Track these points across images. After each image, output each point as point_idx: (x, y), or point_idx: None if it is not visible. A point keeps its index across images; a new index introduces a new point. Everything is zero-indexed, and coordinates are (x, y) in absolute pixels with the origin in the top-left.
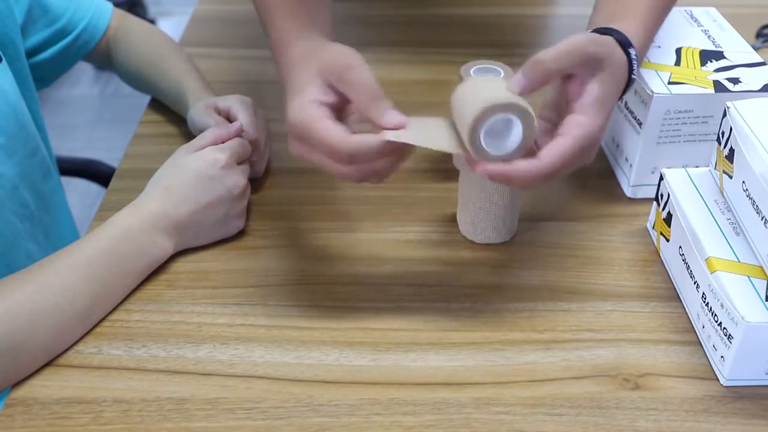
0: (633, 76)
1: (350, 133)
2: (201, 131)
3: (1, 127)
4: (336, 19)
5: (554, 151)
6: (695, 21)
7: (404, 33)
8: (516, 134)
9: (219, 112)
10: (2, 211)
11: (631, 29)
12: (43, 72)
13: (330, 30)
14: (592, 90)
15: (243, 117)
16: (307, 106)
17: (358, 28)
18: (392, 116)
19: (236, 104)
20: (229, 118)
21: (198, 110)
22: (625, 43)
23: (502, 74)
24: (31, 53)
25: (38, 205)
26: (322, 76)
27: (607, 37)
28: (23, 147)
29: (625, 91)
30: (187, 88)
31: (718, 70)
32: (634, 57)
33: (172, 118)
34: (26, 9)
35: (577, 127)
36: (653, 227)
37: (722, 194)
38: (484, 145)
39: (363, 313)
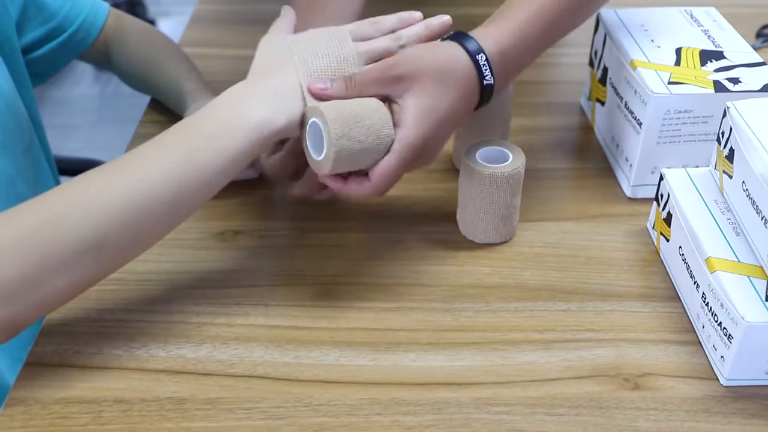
0: (486, 81)
1: None
2: None
3: None
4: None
5: (380, 170)
6: (695, 21)
7: None
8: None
9: None
10: None
11: (495, 34)
12: (38, 68)
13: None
14: (407, 105)
15: None
16: None
17: None
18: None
19: None
20: None
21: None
22: (471, 51)
23: None
24: (26, 50)
25: None
26: None
27: (434, 50)
28: (19, 142)
29: (484, 95)
30: (184, 90)
31: (718, 70)
32: (483, 62)
33: (173, 118)
34: (21, 6)
35: (397, 141)
36: (653, 227)
37: (722, 194)
38: (309, 147)
39: (363, 313)
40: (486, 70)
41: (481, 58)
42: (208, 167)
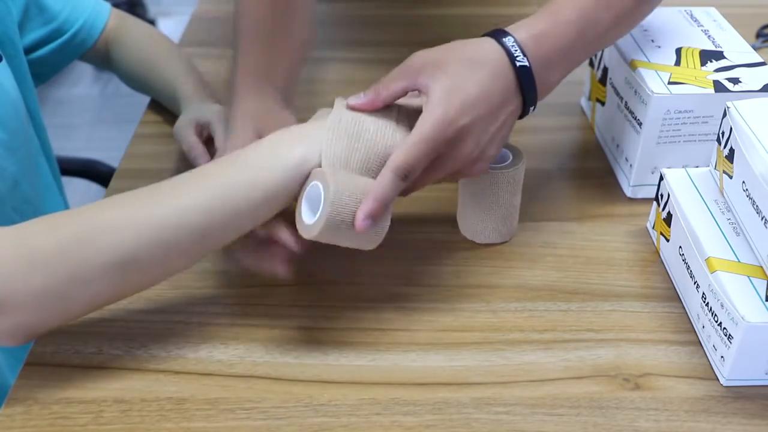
0: (519, 62)
1: None
2: (183, 147)
3: (3, 123)
4: (332, 20)
5: (399, 151)
6: (695, 21)
7: (403, 33)
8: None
9: (201, 128)
10: (2, 206)
11: (528, 21)
12: (39, 69)
13: (286, 80)
14: (429, 90)
15: (220, 135)
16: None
17: (353, 28)
18: None
19: (215, 121)
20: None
21: (181, 124)
22: (499, 37)
23: None
24: (26, 51)
25: (38, 202)
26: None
27: (461, 42)
28: (24, 144)
29: (524, 82)
30: (180, 92)
31: (718, 70)
32: (511, 44)
33: (172, 118)
34: (23, 7)
35: (417, 125)
36: (653, 227)
37: (722, 194)
38: (302, 216)
39: (363, 313)
40: (516, 51)
41: (508, 41)
42: (243, 200)
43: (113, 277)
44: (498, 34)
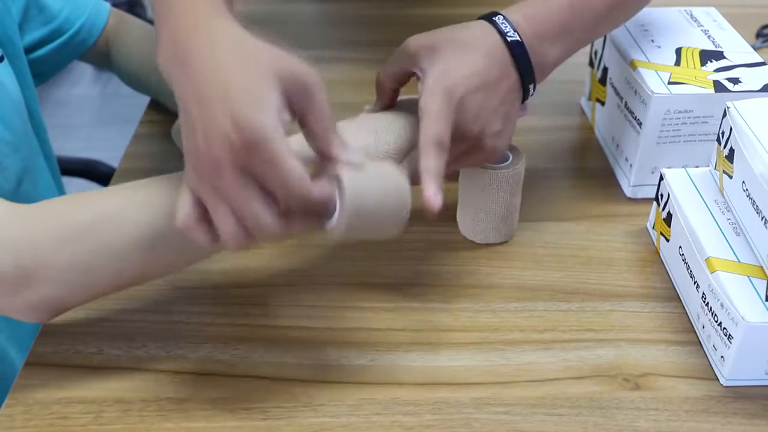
0: (510, 37)
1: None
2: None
3: (7, 123)
4: (331, 20)
5: (424, 125)
6: (695, 21)
7: (401, 33)
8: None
9: None
10: None
11: (518, 5)
12: (39, 68)
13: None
14: (426, 74)
15: None
16: (271, 117)
17: (352, 28)
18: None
19: None
20: None
21: (179, 125)
22: (489, 16)
23: None
24: (26, 51)
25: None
26: (281, 83)
27: (452, 26)
28: (27, 143)
29: (518, 58)
30: None
31: (718, 70)
32: (501, 21)
33: (172, 118)
34: (23, 7)
35: (424, 106)
36: (653, 227)
37: (722, 194)
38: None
39: (363, 313)
40: (506, 27)
41: (498, 18)
42: None
43: (141, 254)
44: (489, 15)
